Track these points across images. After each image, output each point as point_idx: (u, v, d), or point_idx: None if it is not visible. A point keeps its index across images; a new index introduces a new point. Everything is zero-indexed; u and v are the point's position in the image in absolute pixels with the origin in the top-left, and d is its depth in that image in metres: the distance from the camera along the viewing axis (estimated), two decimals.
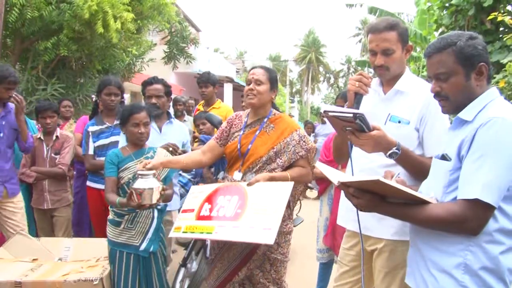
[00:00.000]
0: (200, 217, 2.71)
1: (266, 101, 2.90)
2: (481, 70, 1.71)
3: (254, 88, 2.85)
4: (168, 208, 3.55)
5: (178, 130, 3.83)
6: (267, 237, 2.34)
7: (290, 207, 2.92)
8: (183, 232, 2.74)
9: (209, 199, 2.78)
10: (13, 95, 3.64)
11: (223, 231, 2.51)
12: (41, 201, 4.18)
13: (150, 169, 2.66)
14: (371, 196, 1.69)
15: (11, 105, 3.84)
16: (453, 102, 1.75)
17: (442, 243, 1.68)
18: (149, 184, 2.64)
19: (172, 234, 2.85)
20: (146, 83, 3.75)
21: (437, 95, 1.78)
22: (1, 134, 3.71)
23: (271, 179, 2.69)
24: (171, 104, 5.81)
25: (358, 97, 2.19)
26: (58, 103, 5.31)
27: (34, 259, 3.23)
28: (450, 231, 1.65)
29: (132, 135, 3.06)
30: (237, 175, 2.86)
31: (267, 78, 2.87)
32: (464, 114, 1.72)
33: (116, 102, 4.06)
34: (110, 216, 3.05)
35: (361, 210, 1.75)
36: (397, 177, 1.84)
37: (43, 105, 4.28)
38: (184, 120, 6.54)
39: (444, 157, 1.74)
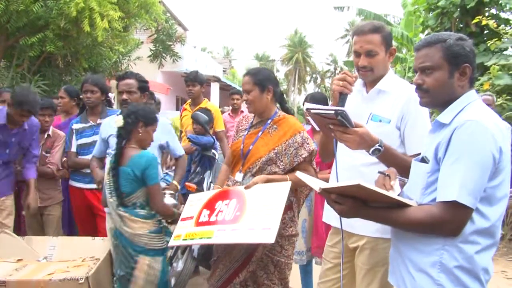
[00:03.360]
0: (199, 223, 2.71)
1: (262, 104, 2.88)
2: (465, 70, 1.74)
3: (246, 97, 2.88)
4: None
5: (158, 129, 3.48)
6: (267, 237, 2.35)
7: (293, 209, 2.90)
8: (183, 239, 2.74)
9: (208, 205, 2.78)
10: None
11: (223, 234, 2.52)
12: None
13: None
14: (352, 202, 1.70)
15: (34, 120, 3.82)
16: (432, 96, 1.78)
17: (419, 243, 1.71)
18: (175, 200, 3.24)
19: (172, 242, 2.84)
20: (119, 78, 3.56)
21: (418, 88, 1.81)
22: (7, 151, 3.70)
23: (269, 180, 2.68)
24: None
25: (342, 97, 2.19)
26: None
27: (18, 260, 3.20)
28: (430, 233, 1.68)
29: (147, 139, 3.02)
30: (238, 176, 2.87)
31: (253, 83, 2.85)
32: (442, 117, 1.75)
33: (93, 99, 3.99)
34: (164, 225, 3.01)
35: (343, 216, 1.77)
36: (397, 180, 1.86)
37: (45, 103, 4.13)
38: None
39: (423, 160, 1.78)
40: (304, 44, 60.29)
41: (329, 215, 2.50)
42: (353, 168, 2.33)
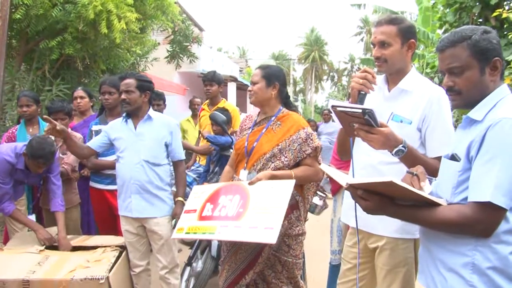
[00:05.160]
0: (202, 217, 2.70)
1: (265, 98, 2.89)
2: (496, 64, 1.68)
3: (251, 88, 2.91)
4: (152, 215, 3.36)
5: (158, 128, 3.42)
6: (269, 237, 2.33)
7: (299, 208, 2.87)
8: (186, 233, 2.73)
9: (211, 199, 2.76)
10: None
11: (225, 231, 2.50)
12: (49, 202, 4.15)
13: None
14: (379, 198, 1.66)
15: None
16: (466, 97, 1.72)
17: (450, 243, 1.66)
18: None
19: (175, 235, 2.85)
20: (120, 79, 3.53)
21: (450, 90, 1.75)
22: (24, 186, 3.92)
23: (273, 177, 2.66)
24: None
25: (361, 96, 2.15)
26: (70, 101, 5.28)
27: (41, 250, 3.25)
28: (460, 233, 1.62)
29: None
30: (242, 173, 2.85)
31: (261, 76, 2.88)
32: (473, 113, 1.69)
33: (111, 101, 4.05)
34: None
35: (369, 213, 1.72)
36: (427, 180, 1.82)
37: (56, 107, 4.20)
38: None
39: (453, 157, 1.71)
40: (320, 42, 60.01)
41: (348, 214, 2.48)
42: (370, 166, 2.31)
